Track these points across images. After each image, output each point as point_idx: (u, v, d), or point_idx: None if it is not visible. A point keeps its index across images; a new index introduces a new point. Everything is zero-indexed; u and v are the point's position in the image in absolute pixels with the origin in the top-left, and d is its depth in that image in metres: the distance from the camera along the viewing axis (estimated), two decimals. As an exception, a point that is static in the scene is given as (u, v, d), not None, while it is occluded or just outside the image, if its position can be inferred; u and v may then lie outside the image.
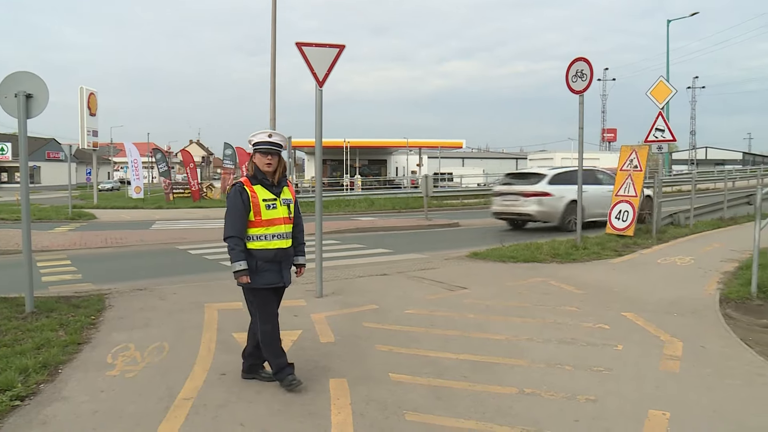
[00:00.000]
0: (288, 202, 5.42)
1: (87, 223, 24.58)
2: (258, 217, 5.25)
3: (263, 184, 5.31)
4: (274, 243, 5.30)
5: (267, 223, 5.27)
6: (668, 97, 15.76)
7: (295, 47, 8.70)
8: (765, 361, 6.16)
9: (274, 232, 5.30)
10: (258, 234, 5.27)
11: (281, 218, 5.33)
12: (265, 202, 5.27)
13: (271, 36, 27.94)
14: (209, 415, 4.78)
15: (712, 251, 13.08)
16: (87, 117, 34.78)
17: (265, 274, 5.28)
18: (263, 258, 5.26)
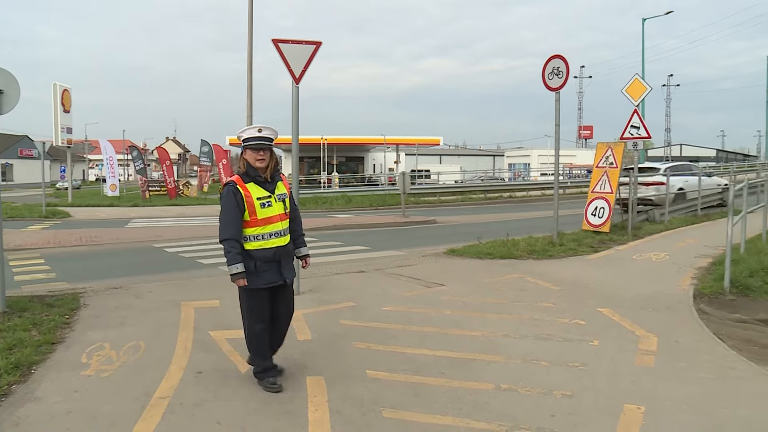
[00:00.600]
0: (283, 197, 5.33)
1: (61, 221, 24.33)
2: (253, 217, 5.16)
3: (256, 181, 5.21)
4: (272, 242, 5.23)
5: (263, 222, 5.19)
6: (643, 94, 15.88)
7: (272, 44, 8.65)
8: (737, 355, 6.24)
9: (272, 231, 5.22)
10: (255, 234, 5.19)
11: (277, 215, 5.25)
12: (259, 201, 5.17)
13: (248, 33, 27.81)
14: (186, 414, 4.74)
15: (686, 247, 13.21)
16: (61, 114, 34.36)
17: (265, 274, 5.21)
18: (262, 258, 5.19)
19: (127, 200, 35.86)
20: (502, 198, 36.37)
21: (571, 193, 36.59)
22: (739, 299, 8.66)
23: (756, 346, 6.70)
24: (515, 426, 4.54)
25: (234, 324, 7.20)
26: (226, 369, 5.77)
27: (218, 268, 11.66)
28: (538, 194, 37.70)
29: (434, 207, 31.28)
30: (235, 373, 5.67)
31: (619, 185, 15.53)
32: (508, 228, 15.99)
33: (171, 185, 37.96)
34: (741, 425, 4.62)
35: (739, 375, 5.67)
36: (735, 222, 9.44)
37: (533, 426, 4.54)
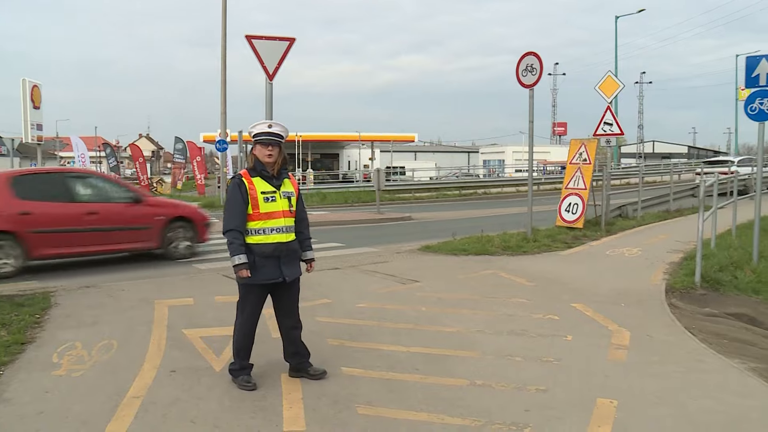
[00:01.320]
0: (289, 195, 5.31)
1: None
2: (256, 210, 5.15)
3: (262, 176, 5.20)
4: (273, 237, 5.20)
5: (265, 217, 5.17)
6: (616, 91, 16.01)
7: (246, 40, 8.61)
8: (707, 348, 6.34)
9: (273, 226, 5.20)
10: (256, 228, 5.18)
11: (280, 211, 5.22)
12: (263, 195, 5.16)
13: (221, 28, 27.65)
14: (159, 413, 4.70)
15: (658, 242, 13.35)
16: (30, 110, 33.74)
17: (263, 270, 5.18)
18: (261, 253, 5.16)
19: (99, 198, 35.42)
20: (476, 194, 36.45)
21: (545, 189, 36.75)
22: (709, 294, 8.79)
23: (725, 339, 6.80)
24: (490, 421, 4.56)
25: (208, 322, 7.18)
26: (200, 367, 5.73)
27: (192, 266, 11.58)
28: (513, 191, 37.82)
29: (409, 203, 31.30)
30: (209, 372, 5.63)
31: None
32: (483, 224, 16.04)
33: (144, 183, 37.67)
34: (709, 416, 4.69)
35: (708, 368, 5.76)
36: (706, 218, 9.56)
37: (508, 421, 4.57)
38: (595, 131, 15.93)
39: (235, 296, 8.37)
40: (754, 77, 10.47)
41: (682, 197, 21.90)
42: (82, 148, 40.18)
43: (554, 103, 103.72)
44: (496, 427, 4.47)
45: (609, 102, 15.87)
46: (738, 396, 5.11)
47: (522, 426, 4.49)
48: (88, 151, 43.44)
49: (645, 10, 50.72)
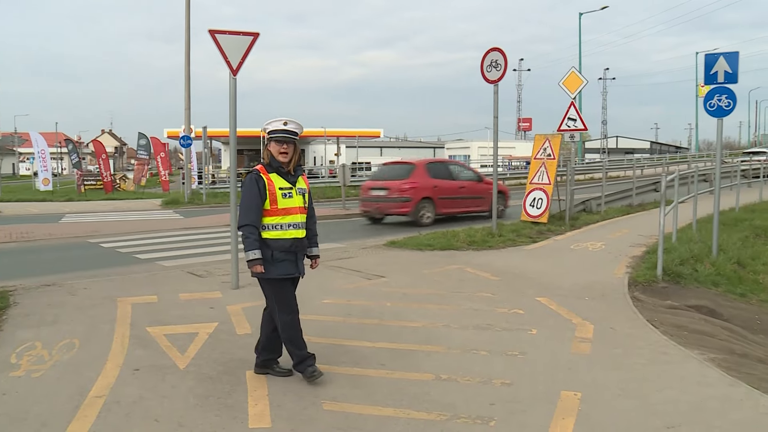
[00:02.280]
0: (303, 191, 5.32)
1: (-10, 216, 23.52)
2: (274, 206, 5.15)
3: (279, 172, 5.20)
4: (291, 233, 5.20)
5: (283, 212, 5.18)
6: (580, 87, 16.14)
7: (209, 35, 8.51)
8: (668, 340, 6.44)
9: (290, 222, 5.20)
10: (274, 223, 5.17)
11: (297, 207, 5.23)
12: (281, 191, 5.16)
13: (185, 23, 27.36)
14: (122, 413, 4.64)
15: (621, 236, 13.52)
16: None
17: (281, 264, 5.18)
18: (279, 248, 5.16)
19: (61, 195, 34.87)
20: (442, 190, 36.54)
21: (510, 184, 36.86)
22: (671, 286, 8.92)
23: (686, 331, 6.91)
24: (455, 415, 4.58)
25: (173, 320, 7.10)
26: (164, 365, 5.66)
27: (156, 263, 11.46)
28: (478, 186, 37.98)
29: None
30: (173, 370, 5.56)
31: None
32: (450, 220, 16.09)
33: (107, 179, 37.11)
34: (671, 406, 4.77)
35: (669, 359, 5.85)
36: (667, 212, 9.70)
37: (473, 415, 4.59)
38: (559, 127, 16.04)
39: (199, 293, 8.35)
40: (712, 74, 10.64)
41: (645, 192, 22.17)
42: (42, 144, 39.47)
43: (519, 99, 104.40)
44: (462, 421, 4.49)
45: (573, 98, 15.99)
46: (698, 386, 5.20)
47: (487, 419, 4.52)
48: (49, 147, 42.67)
49: (608, 7, 51.24)
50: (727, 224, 14.94)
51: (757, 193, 22.19)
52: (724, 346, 6.54)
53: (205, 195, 28.81)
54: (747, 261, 11.31)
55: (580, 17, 53.03)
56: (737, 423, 4.51)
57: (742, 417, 4.62)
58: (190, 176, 29.96)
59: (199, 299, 8.08)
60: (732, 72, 10.48)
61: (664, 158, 55.41)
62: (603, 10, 51.53)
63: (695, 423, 4.48)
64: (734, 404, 4.84)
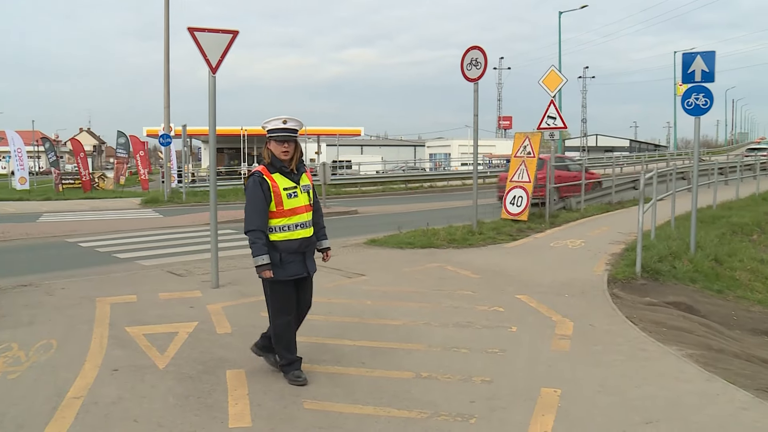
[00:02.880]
0: (307, 188, 5.27)
1: (-34, 216, 23.22)
2: (280, 207, 5.09)
3: (282, 171, 5.13)
4: (298, 233, 5.16)
5: (290, 213, 5.12)
6: (559, 85, 16.24)
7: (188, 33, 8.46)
8: (647, 336, 6.49)
9: (297, 222, 5.15)
10: (281, 225, 5.12)
11: (303, 206, 5.19)
12: (286, 191, 5.10)
13: (164, 20, 27.19)
14: (101, 413, 4.60)
15: (601, 234, 13.61)
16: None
17: (290, 266, 5.13)
18: (287, 250, 5.11)
19: (38, 194, 34.51)
20: (422, 188, 36.62)
21: (490, 182, 36.90)
22: (649, 283, 9.00)
23: (664, 327, 6.97)
24: (436, 413, 4.59)
25: (152, 319, 7.06)
26: (143, 365, 5.62)
27: (135, 263, 11.38)
28: (459, 184, 38.07)
29: (355, 197, 31.28)
30: (152, 370, 5.52)
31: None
32: (429, 217, 16.12)
33: (86, 178, 36.76)
34: (649, 401, 4.81)
35: (648, 355, 5.90)
36: (646, 209, 9.77)
37: (453, 412, 4.60)
38: (539, 125, 16.11)
39: (179, 292, 8.32)
40: (689, 73, 10.74)
41: (624, 190, 22.34)
42: (19, 143, 38.98)
43: (500, 97, 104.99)
44: (442, 419, 4.50)
45: (552, 96, 16.08)
46: (676, 381, 5.25)
47: (467, 417, 4.53)
48: (25, 145, 42.19)
49: (587, 6, 51.48)
50: (705, 221, 15.10)
51: (734, 191, 22.41)
52: (702, 342, 6.61)
53: (185, 194, 28.65)
54: (724, 258, 11.43)
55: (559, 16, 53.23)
56: (714, 417, 4.56)
57: (719, 411, 4.67)
58: (169, 175, 29.78)
59: (179, 298, 8.04)
60: (709, 71, 10.58)
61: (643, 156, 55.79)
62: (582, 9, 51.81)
63: (673, 418, 4.53)
64: (711, 399, 4.90)
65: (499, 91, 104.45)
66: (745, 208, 19.33)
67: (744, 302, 9.46)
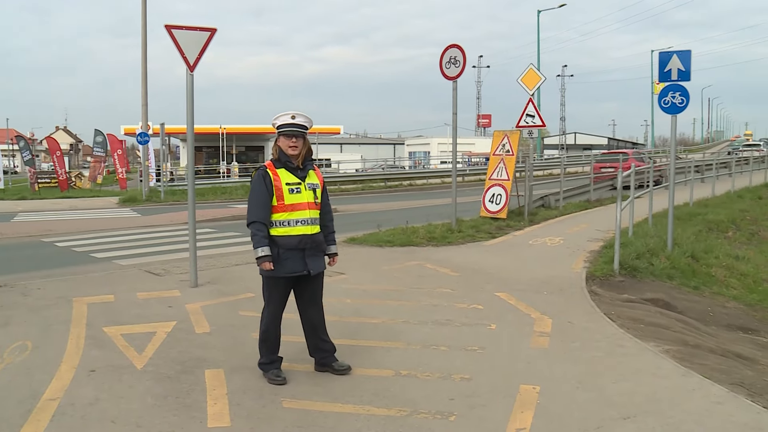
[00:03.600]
0: (314, 186, 5.25)
1: (-60, 216, 22.88)
2: (281, 202, 5.10)
3: (287, 167, 5.16)
4: (298, 229, 5.14)
5: (290, 208, 5.12)
6: (538, 84, 16.29)
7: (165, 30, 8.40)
8: (624, 333, 6.54)
9: (298, 218, 5.14)
10: (281, 220, 5.13)
11: (305, 203, 5.17)
12: (288, 186, 5.11)
13: (141, 18, 26.99)
14: (77, 415, 4.56)
15: (579, 231, 13.69)
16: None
17: (287, 263, 5.11)
18: (286, 245, 5.10)
19: (13, 193, 34.13)
20: (402, 186, 36.62)
21: (470, 180, 37.18)
22: (627, 280, 9.07)
23: (642, 324, 7.03)
24: (415, 411, 4.60)
25: (130, 319, 7.01)
26: (121, 366, 5.58)
27: (113, 262, 11.29)
28: (438, 182, 38.09)
29: (335, 196, 31.17)
30: (130, 370, 5.48)
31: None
32: (409, 215, 16.13)
33: (62, 177, 36.40)
34: (627, 397, 4.85)
35: (626, 352, 5.95)
36: (623, 207, 9.84)
37: (433, 410, 4.61)
38: (518, 123, 16.17)
39: (157, 292, 8.27)
40: (666, 72, 10.83)
41: (602, 187, 22.50)
42: (-6, 141, 38.50)
43: (479, 96, 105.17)
44: (422, 417, 4.51)
45: (531, 94, 16.13)
46: (653, 377, 5.30)
47: (447, 414, 4.54)
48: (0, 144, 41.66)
49: (566, 5, 51.80)
50: (682, 219, 15.24)
51: (710, 189, 22.66)
52: (678, 338, 6.67)
53: (164, 192, 28.47)
54: (700, 254, 11.53)
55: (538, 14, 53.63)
56: (690, 412, 4.60)
57: (695, 406, 4.72)
58: (147, 173, 29.57)
59: (157, 298, 7.99)
60: (685, 70, 10.67)
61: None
62: (561, 8, 52.13)
63: (650, 413, 4.57)
64: (687, 394, 4.95)
65: (478, 89, 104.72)
66: (720, 205, 19.55)
67: (720, 298, 9.57)
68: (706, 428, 4.36)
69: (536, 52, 51.00)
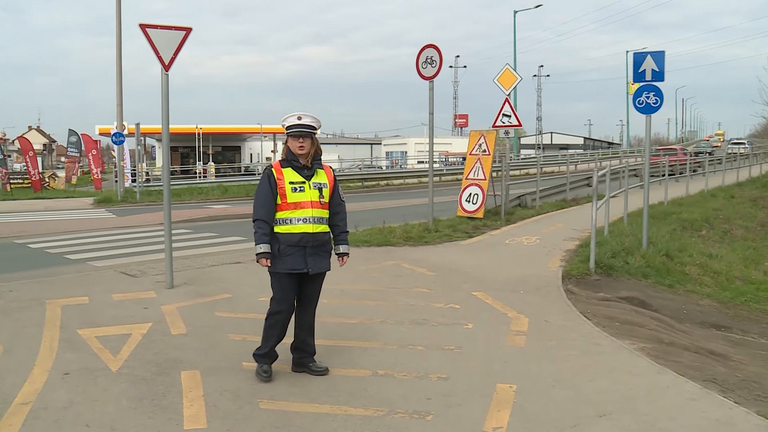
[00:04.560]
0: (320, 185, 5.27)
1: None
2: (284, 200, 5.18)
3: (293, 166, 5.22)
4: (300, 227, 5.17)
5: (293, 206, 5.17)
6: (514, 84, 16.36)
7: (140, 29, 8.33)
8: (600, 331, 6.59)
9: (300, 216, 5.17)
10: (283, 217, 5.19)
11: (308, 202, 5.20)
12: (291, 185, 5.18)
13: (116, 16, 26.75)
14: (50, 419, 4.50)
15: (555, 231, 13.77)
16: None
17: (287, 259, 5.15)
18: (287, 242, 5.15)
19: (-16, 194, 33.66)
20: (379, 186, 36.59)
21: (447, 180, 37.22)
22: (603, 279, 9.14)
23: (617, 322, 7.09)
24: (392, 410, 4.60)
25: (105, 321, 6.94)
26: (96, 368, 5.52)
27: (88, 264, 11.17)
28: (415, 182, 38.11)
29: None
30: (105, 372, 5.43)
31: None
32: (385, 215, 16.15)
33: (36, 177, 35.96)
34: (603, 395, 4.89)
35: (602, 350, 5.99)
36: (599, 206, 9.92)
37: (410, 409, 4.62)
38: (494, 123, 16.22)
39: (133, 293, 8.21)
40: (640, 72, 10.94)
41: (579, 187, 22.67)
42: (-36, 141, 37.95)
43: (456, 95, 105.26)
44: (399, 416, 4.51)
45: (507, 94, 16.19)
46: (628, 375, 5.35)
47: (424, 414, 4.55)
48: (-28, 144, 41.04)
49: (542, 5, 52.16)
50: (657, 218, 15.40)
51: (684, 188, 22.89)
52: (653, 336, 6.74)
53: (139, 193, 28.22)
54: (675, 253, 11.66)
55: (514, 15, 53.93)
56: (664, 409, 4.65)
57: (669, 403, 4.77)
58: (123, 174, 29.30)
59: (133, 299, 7.92)
60: (659, 70, 10.78)
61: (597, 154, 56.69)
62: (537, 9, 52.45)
63: (625, 411, 4.61)
64: (661, 391, 4.99)
65: (455, 89, 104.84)
66: (694, 204, 19.80)
67: (693, 296, 9.69)
68: (680, 424, 4.40)
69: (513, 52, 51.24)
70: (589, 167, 37.18)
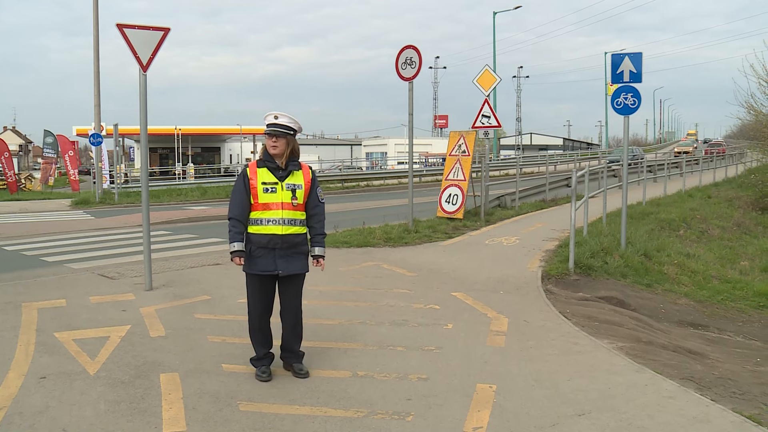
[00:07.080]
0: (294, 187, 5.21)
1: None
2: (255, 201, 5.18)
3: (268, 166, 5.20)
4: (269, 228, 5.15)
5: (263, 207, 5.16)
6: (493, 84, 16.41)
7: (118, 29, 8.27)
8: (579, 330, 6.64)
9: (270, 217, 5.15)
10: (255, 218, 5.19)
11: (279, 203, 5.16)
12: (263, 185, 5.15)
13: (93, 16, 26.53)
14: (26, 424, 4.44)
15: (535, 231, 13.84)
16: None
17: (259, 261, 5.16)
18: (257, 243, 5.16)
19: (-41, 196, 33.22)
20: (359, 187, 36.57)
21: (426, 181, 37.31)
22: (582, 279, 9.20)
23: (596, 321, 7.14)
24: (372, 412, 4.59)
25: (82, 324, 6.87)
26: (73, 372, 5.46)
27: (65, 266, 11.06)
28: (395, 183, 38.14)
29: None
30: (83, 376, 5.37)
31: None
32: (365, 216, 16.14)
33: (11, 179, 35.58)
34: (582, 394, 4.93)
35: (581, 349, 6.03)
36: (578, 207, 9.98)
37: (390, 410, 4.62)
38: (474, 123, 16.26)
39: (111, 296, 8.15)
40: (618, 74, 11.02)
41: (558, 187, 22.79)
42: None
43: (435, 96, 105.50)
44: (379, 417, 4.51)
45: (487, 95, 16.24)
46: (607, 374, 5.39)
47: (404, 414, 4.55)
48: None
49: (521, 6, 52.45)
50: (635, 218, 15.53)
51: (662, 188, 23.09)
52: (632, 335, 6.79)
53: (118, 194, 28.01)
54: (653, 253, 11.76)
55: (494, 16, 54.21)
56: (643, 407, 4.69)
57: (647, 401, 4.81)
58: (101, 175, 29.04)
59: (111, 302, 7.85)
60: (637, 72, 10.87)
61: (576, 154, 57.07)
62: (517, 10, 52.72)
63: (604, 409, 4.64)
64: (640, 389, 5.04)
65: (435, 90, 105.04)
66: (672, 204, 19.95)
67: (671, 295, 9.77)
68: (657, 422, 4.44)
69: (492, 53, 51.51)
70: (568, 168, 37.46)
